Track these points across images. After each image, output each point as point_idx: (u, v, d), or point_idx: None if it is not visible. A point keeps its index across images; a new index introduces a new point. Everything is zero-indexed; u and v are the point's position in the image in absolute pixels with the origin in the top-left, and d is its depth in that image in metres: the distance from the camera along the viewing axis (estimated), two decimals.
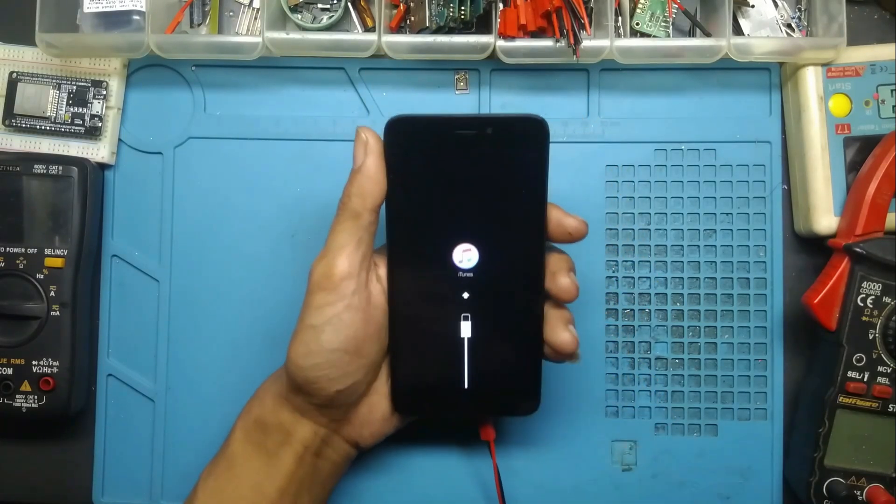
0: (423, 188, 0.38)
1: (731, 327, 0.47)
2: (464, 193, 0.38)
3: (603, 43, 0.44)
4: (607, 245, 0.48)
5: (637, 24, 0.47)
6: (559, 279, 0.38)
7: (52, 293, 0.45)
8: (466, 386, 0.40)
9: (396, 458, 0.47)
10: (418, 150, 0.37)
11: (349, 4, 0.48)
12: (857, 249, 0.43)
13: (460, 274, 0.38)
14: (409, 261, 0.39)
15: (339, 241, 0.37)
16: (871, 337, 0.43)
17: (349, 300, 0.37)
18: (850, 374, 0.43)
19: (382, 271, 0.39)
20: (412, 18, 0.47)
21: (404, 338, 0.39)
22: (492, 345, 0.39)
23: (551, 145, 0.37)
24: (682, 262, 0.48)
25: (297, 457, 0.40)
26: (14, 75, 0.47)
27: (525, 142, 0.37)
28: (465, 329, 0.39)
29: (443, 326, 0.39)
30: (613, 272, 0.48)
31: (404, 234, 0.38)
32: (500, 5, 0.44)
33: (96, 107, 0.47)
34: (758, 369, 0.47)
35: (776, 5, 0.48)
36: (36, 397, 0.45)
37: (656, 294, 0.48)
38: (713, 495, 0.47)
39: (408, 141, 0.37)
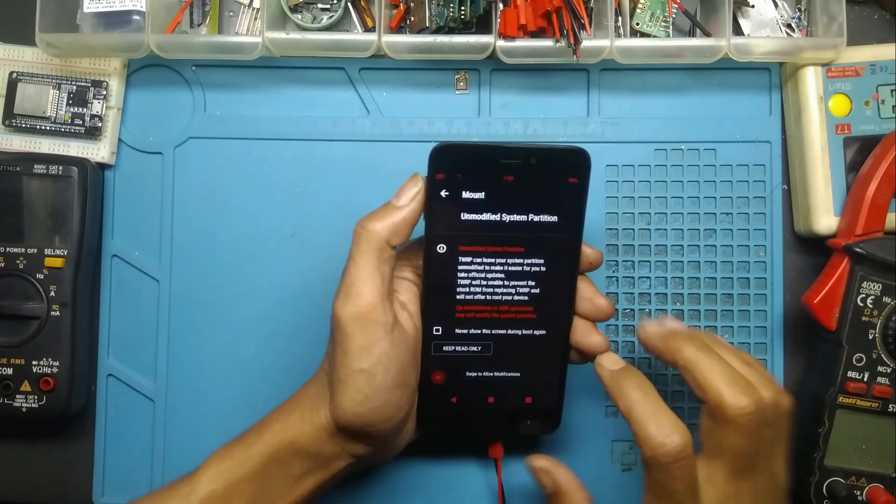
0: (463, 214, 0.38)
1: (731, 327, 0.47)
2: (503, 219, 0.38)
3: (603, 43, 0.44)
4: (607, 245, 0.48)
5: (637, 24, 0.47)
6: (597, 300, 0.39)
7: (52, 293, 0.45)
8: (492, 404, 0.40)
9: (398, 466, 0.47)
10: (462, 177, 0.37)
11: (349, 4, 0.48)
12: (857, 249, 0.43)
13: (494, 297, 0.39)
14: (445, 284, 0.39)
15: (364, 275, 0.36)
16: (871, 337, 0.43)
17: (391, 335, 0.36)
18: (850, 374, 0.43)
19: (403, 296, 0.39)
20: (412, 18, 0.47)
21: (435, 359, 0.39)
22: (520, 366, 0.40)
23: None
24: (682, 262, 0.48)
25: (319, 484, 0.39)
26: (14, 75, 0.47)
27: (567, 173, 0.37)
28: (495, 350, 0.40)
29: (473, 345, 0.39)
30: (613, 272, 0.48)
31: (442, 258, 0.38)
32: (500, 5, 0.44)
33: (96, 107, 0.47)
34: None
35: (776, 5, 0.48)
36: (36, 397, 0.45)
37: (656, 294, 0.48)
38: None
39: (452, 167, 0.37)
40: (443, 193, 0.37)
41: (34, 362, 0.45)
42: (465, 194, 0.37)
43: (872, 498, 0.43)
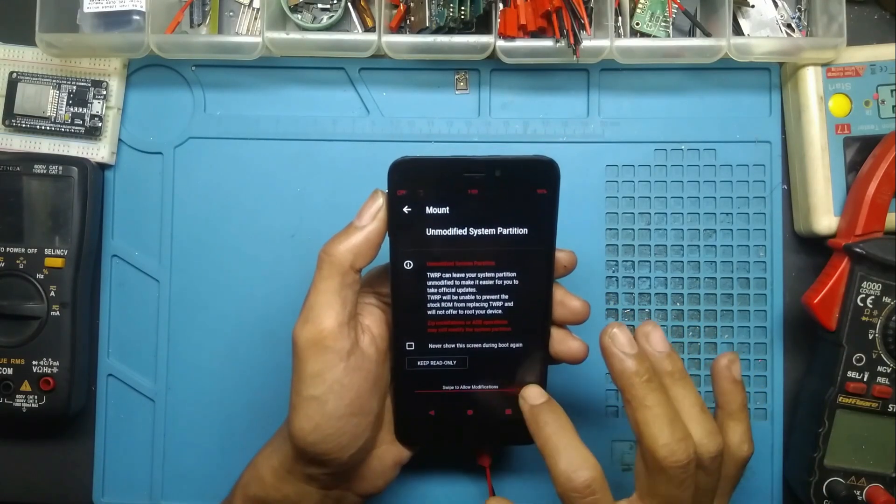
0: (428, 229, 0.37)
1: (731, 327, 0.47)
2: (470, 234, 0.37)
3: (603, 43, 0.44)
4: (607, 245, 0.48)
5: (637, 24, 0.47)
6: (570, 302, 0.38)
7: (52, 293, 0.45)
8: (471, 417, 0.39)
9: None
10: (424, 192, 0.36)
11: (349, 4, 0.48)
12: (857, 249, 0.43)
13: (467, 311, 0.38)
14: (414, 300, 0.38)
15: (324, 301, 0.36)
16: (870, 337, 0.43)
17: (346, 362, 0.36)
18: (849, 374, 0.43)
19: (367, 320, 0.38)
20: (412, 18, 0.47)
21: (410, 373, 0.39)
22: (497, 377, 0.39)
23: (551, 145, 0.37)
24: (682, 262, 0.48)
25: None
26: (14, 75, 0.47)
27: (535, 184, 0.36)
28: (471, 364, 0.39)
29: (448, 359, 0.39)
30: (613, 272, 0.48)
31: (409, 274, 0.37)
32: (500, 5, 0.44)
33: (96, 107, 0.47)
34: (758, 369, 0.47)
35: (776, 5, 0.48)
36: (36, 397, 0.45)
37: (656, 294, 0.48)
38: None
39: (413, 182, 0.36)
40: (405, 209, 0.36)
41: (34, 362, 0.45)
42: (429, 209, 0.36)
43: (872, 498, 0.43)
